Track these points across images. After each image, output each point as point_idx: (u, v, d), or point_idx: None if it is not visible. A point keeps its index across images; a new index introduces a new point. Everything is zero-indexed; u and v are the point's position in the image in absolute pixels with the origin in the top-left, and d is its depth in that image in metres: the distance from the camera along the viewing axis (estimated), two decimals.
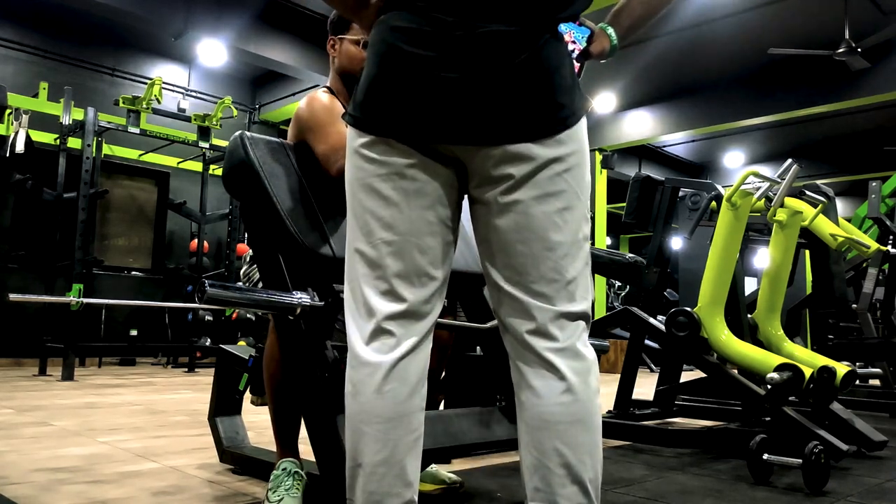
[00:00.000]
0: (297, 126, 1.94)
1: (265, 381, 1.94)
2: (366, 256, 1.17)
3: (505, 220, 1.14)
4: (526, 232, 1.14)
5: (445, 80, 1.10)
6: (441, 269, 1.19)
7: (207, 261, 8.36)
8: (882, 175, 9.19)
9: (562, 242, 1.14)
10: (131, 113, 6.65)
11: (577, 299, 1.16)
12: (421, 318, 1.17)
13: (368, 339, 1.15)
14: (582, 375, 1.12)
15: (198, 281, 2.20)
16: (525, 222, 1.13)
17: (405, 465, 1.12)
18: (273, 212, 1.72)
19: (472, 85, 1.09)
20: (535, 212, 1.13)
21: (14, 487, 2.06)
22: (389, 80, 1.13)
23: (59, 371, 5.70)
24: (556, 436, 1.10)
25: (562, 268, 1.15)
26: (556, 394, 1.11)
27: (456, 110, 1.10)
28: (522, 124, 1.11)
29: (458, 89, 1.10)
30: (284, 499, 1.79)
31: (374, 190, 1.15)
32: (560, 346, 1.13)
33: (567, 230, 1.15)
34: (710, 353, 3.03)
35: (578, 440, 1.10)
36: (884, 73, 8.13)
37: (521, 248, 1.14)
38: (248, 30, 7.68)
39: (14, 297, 5.10)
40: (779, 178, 3.08)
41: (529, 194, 1.13)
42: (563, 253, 1.15)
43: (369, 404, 1.13)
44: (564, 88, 1.14)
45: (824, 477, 2.27)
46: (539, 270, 1.14)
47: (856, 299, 5.09)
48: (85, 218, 6.03)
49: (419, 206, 1.15)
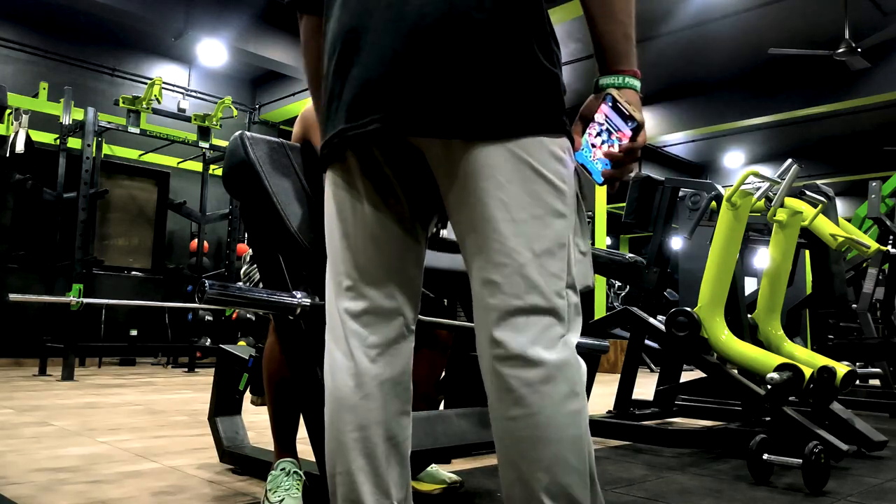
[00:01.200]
0: (303, 124, 1.94)
1: (264, 381, 1.94)
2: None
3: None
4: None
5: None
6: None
7: (207, 261, 8.36)
8: (882, 175, 9.19)
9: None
10: (131, 113, 6.65)
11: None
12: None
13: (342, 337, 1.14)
14: (535, 385, 0.98)
15: (198, 281, 2.20)
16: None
17: (383, 473, 1.09)
18: (273, 212, 1.72)
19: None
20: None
21: (14, 487, 2.06)
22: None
23: (59, 371, 5.70)
24: (508, 451, 1.02)
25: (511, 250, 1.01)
26: (505, 408, 1.01)
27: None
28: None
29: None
30: (285, 499, 1.79)
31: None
32: (506, 353, 1.00)
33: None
34: (710, 353, 3.03)
35: (533, 455, 0.98)
36: (884, 73, 8.13)
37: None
38: (248, 30, 7.69)
39: (14, 297, 5.11)
40: (779, 178, 3.08)
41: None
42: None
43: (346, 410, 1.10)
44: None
45: (824, 477, 2.27)
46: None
47: (856, 299, 5.09)
48: (85, 218, 6.04)
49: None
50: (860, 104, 8.79)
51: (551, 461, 0.98)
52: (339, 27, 1.11)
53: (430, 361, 2.13)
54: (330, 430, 1.12)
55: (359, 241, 1.13)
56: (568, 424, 0.99)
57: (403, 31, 1.02)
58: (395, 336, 1.13)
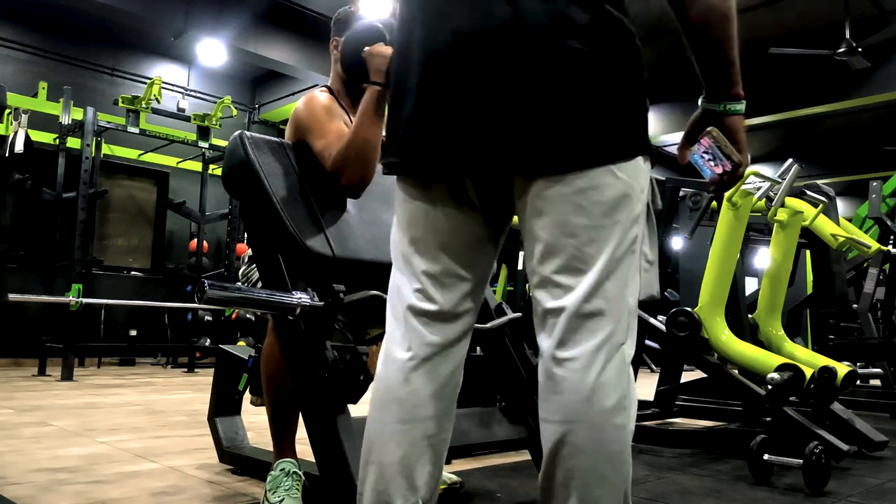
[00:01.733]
0: (295, 126, 1.93)
1: (263, 382, 1.94)
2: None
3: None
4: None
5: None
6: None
7: (207, 261, 8.35)
8: (882, 175, 9.17)
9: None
10: (131, 113, 6.64)
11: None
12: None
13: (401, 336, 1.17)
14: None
15: (197, 281, 2.20)
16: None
17: (415, 469, 1.10)
18: (273, 212, 1.72)
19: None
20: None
21: (14, 487, 2.06)
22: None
23: (59, 371, 5.69)
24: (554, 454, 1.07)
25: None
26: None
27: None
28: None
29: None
30: (285, 500, 1.79)
31: None
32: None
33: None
34: (710, 353, 3.02)
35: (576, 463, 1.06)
36: (884, 73, 8.12)
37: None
38: (248, 30, 7.68)
39: (14, 297, 5.10)
40: (779, 178, 3.08)
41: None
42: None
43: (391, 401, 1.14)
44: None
45: (825, 477, 2.27)
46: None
47: (856, 299, 5.09)
48: (84, 218, 6.03)
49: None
50: (860, 104, 8.77)
51: (588, 471, 1.01)
52: (421, 46, 1.11)
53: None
54: (373, 417, 1.15)
55: (430, 247, 1.15)
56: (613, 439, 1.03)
57: (504, 66, 1.03)
58: (453, 338, 1.16)
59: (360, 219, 1.87)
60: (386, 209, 1.94)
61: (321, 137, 1.86)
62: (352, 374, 1.59)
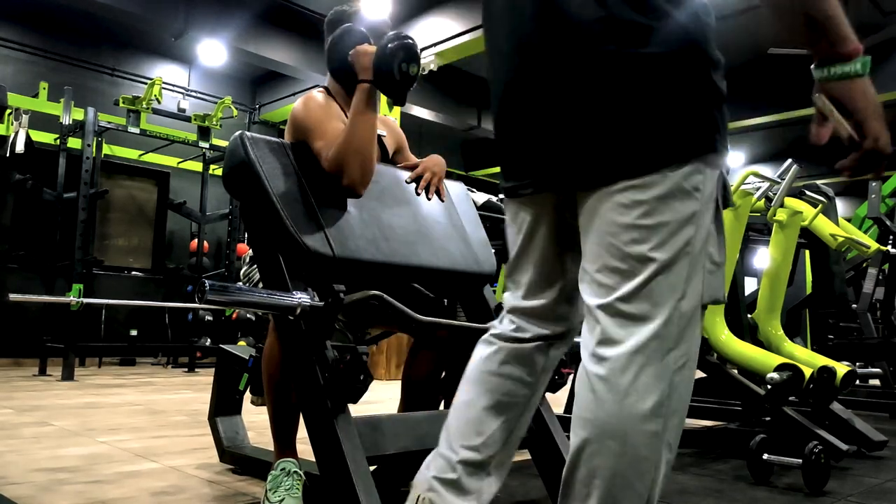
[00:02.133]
0: (293, 126, 1.94)
1: (264, 381, 1.94)
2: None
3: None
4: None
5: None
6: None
7: (207, 261, 8.35)
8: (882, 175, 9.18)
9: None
10: (131, 113, 6.65)
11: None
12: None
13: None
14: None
15: (198, 281, 2.20)
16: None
17: (484, 417, 1.20)
18: (273, 212, 1.72)
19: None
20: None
21: (14, 487, 2.06)
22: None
23: (59, 371, 5.70)
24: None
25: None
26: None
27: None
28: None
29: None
30: (286, 499, 1.79)
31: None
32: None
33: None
34: (710, 353, 3.03)
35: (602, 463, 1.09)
36: (884, 73, 8.12)
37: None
38: (248, 30, 7.68)
39: (14, 297, 5.10)
40: (779, 178, 3.08)
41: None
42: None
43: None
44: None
45: (824, 477, 2.27)
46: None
47: (856, 299, 5.10)
48: (85, 218, 6.03)
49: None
50: None
51: (611, 472, 1.01)
52: (497, 75, 1.21)
53: (430, 361, 2.13)
54: (474, 363, 1.26)
55: (529, 259, 1.24)
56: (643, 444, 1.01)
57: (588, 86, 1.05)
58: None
59: (360, 219, 1.88)
60: (386, 209, 1.94)
61: (319, 138, 1.86)
62: (352, 374, 1.60)
